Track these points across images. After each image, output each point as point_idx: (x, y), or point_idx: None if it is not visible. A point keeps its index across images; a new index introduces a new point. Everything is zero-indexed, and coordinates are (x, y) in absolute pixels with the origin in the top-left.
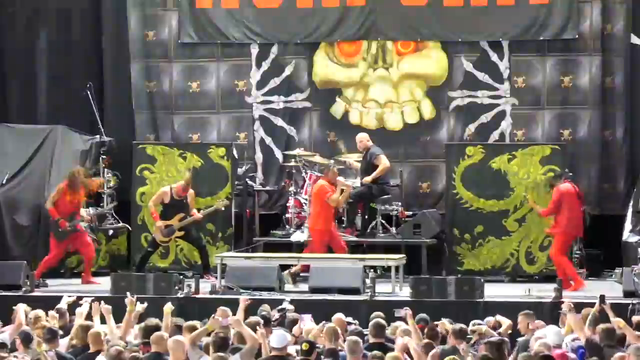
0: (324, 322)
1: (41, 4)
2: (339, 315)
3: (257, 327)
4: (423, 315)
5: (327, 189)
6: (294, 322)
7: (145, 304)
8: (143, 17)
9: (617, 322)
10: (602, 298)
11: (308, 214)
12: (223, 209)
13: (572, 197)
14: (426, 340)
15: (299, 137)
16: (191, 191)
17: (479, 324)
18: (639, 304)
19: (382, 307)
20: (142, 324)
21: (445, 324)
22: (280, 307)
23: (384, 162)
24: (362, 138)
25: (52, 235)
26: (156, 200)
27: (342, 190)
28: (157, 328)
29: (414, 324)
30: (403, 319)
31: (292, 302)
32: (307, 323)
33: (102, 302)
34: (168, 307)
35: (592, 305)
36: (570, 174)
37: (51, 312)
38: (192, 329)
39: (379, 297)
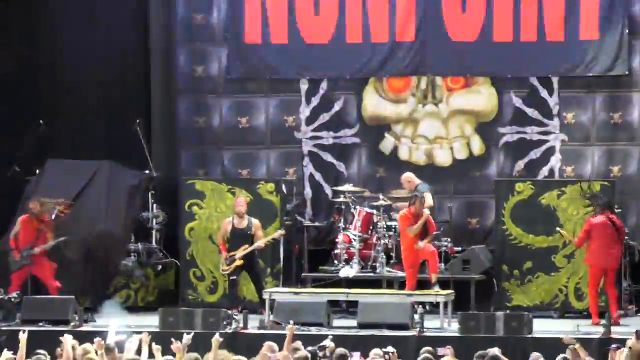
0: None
1: (91, 39)
2: (376, 351)
3: None
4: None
5: (406, 220)
6: (343, 358)
7: (192, 334)
8: (192, 53)
9: None
10: (638, 333)
11: (357, 249)
12: (281, 238)
13: (604, 228)
14: None
15: (348, 173)
16: (255, 221)
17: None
18: None
19: (431, 342)
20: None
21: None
22: (320, 344)
23: (429, 201)
24: (410, 179)
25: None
26: (221, 232)
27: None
28: None
29: None
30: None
31: (340, 337)
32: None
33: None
34: (216, 340)
35: None
36: (619, 209)
37: (97, 339)
38: None
39: (428, 332)
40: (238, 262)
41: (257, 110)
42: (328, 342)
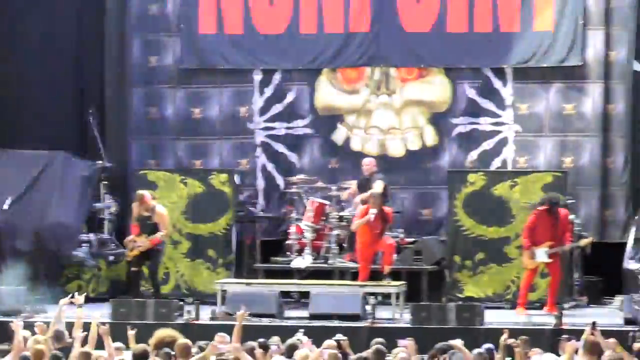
0: (321, 348)
1: (45, 28)
2: (328, 342)
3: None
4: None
5: (359, 215)
6: (293, 348)
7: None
8: (146, 43)
9: (612, 344)
10: (594, 324)
11: (309, 239)
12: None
13: None
14: None
15: (300, 164)
16: (159, 210)
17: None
18: (639, 332)
19: (383, 333)
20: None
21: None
22: (296, 338)
23: (377, 189)
24: (370, 163)
25: None
26: (134, 214)
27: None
28: (144, 354)
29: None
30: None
31: (291, 329)
32: (302, 349)
33: (99, 323)
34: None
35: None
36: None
37: (38, 324)
38: (185, 348)
39: (380, 323)
40: (135, 252)
41: (211, 100)
42: (301, 336)
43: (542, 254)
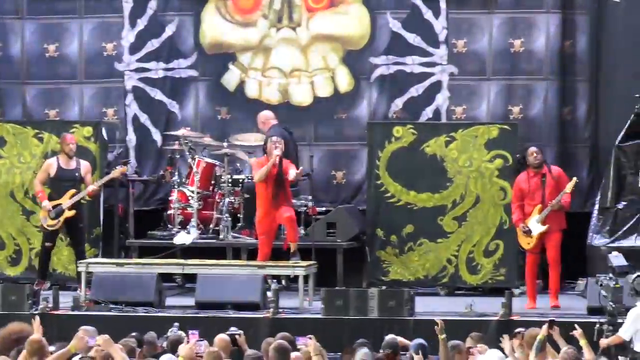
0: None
1: None
2: (221, 336)
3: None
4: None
5: (259, 167)
6: (178, 342)
7: None
8: None
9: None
10: (551, 323)
11: (196, 209)
12: (121, 176)
13: None
14: None
15: (182, 114)
16: (85, 163)
17: None
18: (607, 324)
19: (288, 326)
20: None
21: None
22: (167, 335)
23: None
24: (265, 119)
25: None
26: (41, 176)
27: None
28: None
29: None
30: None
31: (174, 319)
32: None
33: None
34: None
35: (541, 324)
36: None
37: None
38: (39, 346)
39: (284, 314)
40: (68, 213)
41: (69, 35)
42: (176, 331)
43: (535, 225)
